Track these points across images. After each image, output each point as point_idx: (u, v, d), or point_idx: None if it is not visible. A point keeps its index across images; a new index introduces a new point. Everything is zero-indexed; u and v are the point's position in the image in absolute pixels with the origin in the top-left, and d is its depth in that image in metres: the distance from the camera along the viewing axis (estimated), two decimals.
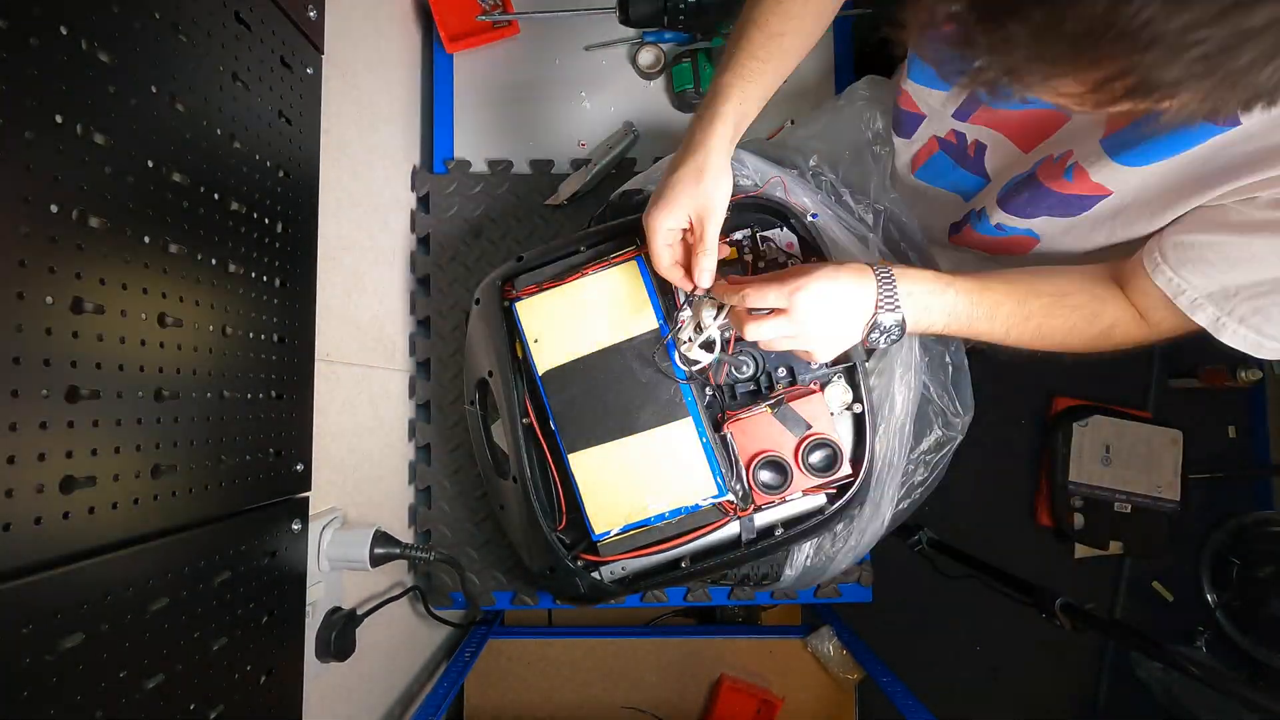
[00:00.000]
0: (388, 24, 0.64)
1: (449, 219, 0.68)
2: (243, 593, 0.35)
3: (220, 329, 0.34)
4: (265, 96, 0.38)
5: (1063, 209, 0.45)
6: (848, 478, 0.50)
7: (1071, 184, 0.42)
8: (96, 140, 0.27)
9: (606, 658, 0.80)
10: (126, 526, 0.28)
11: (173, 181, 0.31)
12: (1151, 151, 0.37)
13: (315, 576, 0.45)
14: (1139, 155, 0.38)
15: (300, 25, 0.41)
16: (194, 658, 0.31)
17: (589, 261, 0.53)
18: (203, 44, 0.33)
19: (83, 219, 0.26)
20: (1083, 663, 1.22)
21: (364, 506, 0.56)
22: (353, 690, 0.55)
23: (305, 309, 0.42)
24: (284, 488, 0.40)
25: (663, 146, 0.71)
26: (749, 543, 0.51)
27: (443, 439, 0.67)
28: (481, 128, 0.71)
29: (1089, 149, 0.40)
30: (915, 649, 1.19)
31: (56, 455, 0.25)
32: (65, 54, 0.25)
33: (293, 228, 0.40)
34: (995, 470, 1.21)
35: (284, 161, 0.40)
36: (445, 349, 0.67)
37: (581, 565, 0.52)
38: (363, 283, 0.57)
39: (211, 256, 0.33)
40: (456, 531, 0.66)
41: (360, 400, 0.56)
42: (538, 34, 0.71)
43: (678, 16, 0.53)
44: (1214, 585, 1.18)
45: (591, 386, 0.51)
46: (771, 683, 0.80)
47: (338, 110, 0.52)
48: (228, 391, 0.34)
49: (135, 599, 0.28)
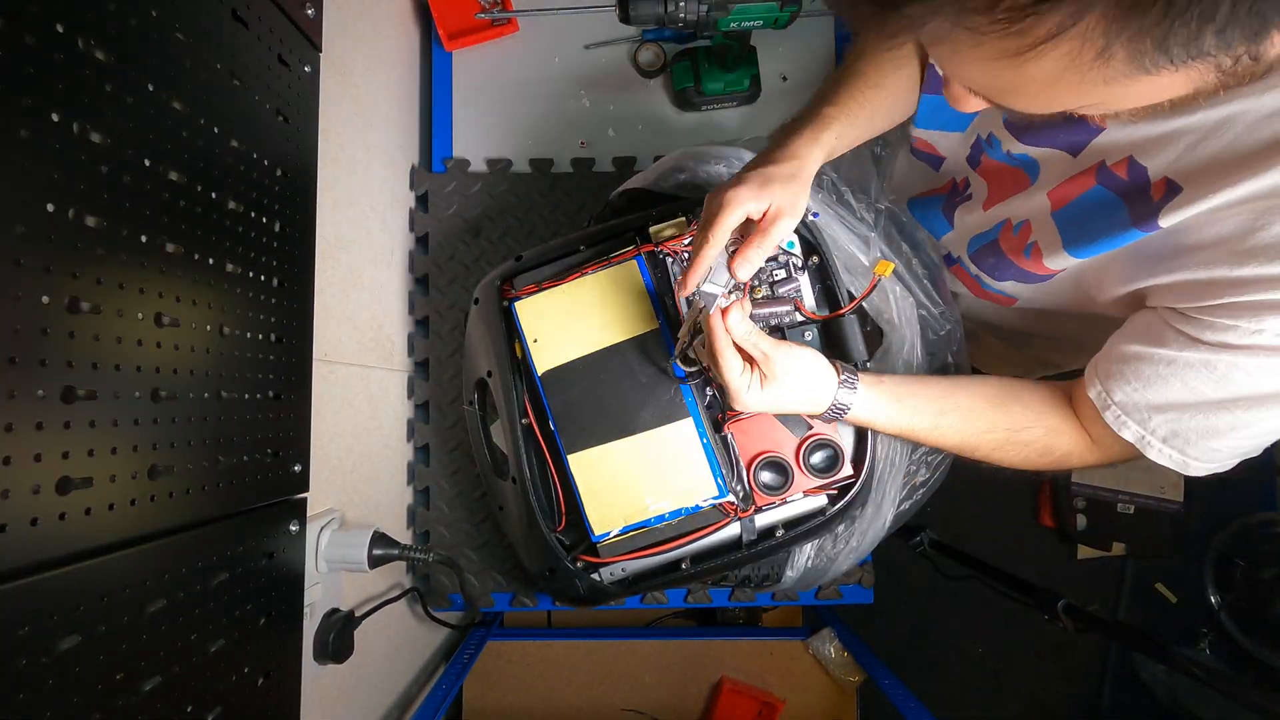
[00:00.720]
0: (386, 22, 0.64)
1: (448, 218, 0.68)
2: (240, 594, 0.35)
3: (218, 329, 0.34)
4: (263, 95, 0.38)
5: (1025, 279, 0.46)
6: (849, 478, 0.50)
7: (1029, 261, 0.44)
8: (93, 139, 0.27)
9: (606, 660, 0.80)
10: (123, 528, 0.28)
11: (170, 180, 0.31)
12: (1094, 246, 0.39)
13: (313, 578, 0.45)
14: (1085, 249, 0.39)
15: (298, 23, 0.41)
16: (191, 660, 0.31)
17: (589, 261, 0.52)
18: (200, 42, 0.33)
19: (79, 218, 0.26)
20: (1086, 665, 1.21)
21: (362, 507, 0.56)
22: (351, 692, 0.54)
23: (303, 308, 0.42)
24: (282, 488, 0.39)
25: (663, 145, 0.71)
26: (750, 544, 0.51)
27: (441, 439, 0.66)
28: (480, 126, 0.71)
29: (1043, 226, 0.42)
30: (917, 651, 1.19)
31: (53, 456, 0.25)
32: (62, 52, 0.25)
33: (290, 227, 0.40)
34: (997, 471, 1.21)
35: (282, 160, 0.40)
36: (444, 349, 0.67)
37: (581, 566, 0.52)
38: (361, 282, 0.57)
39: (209, 256, 0.33)
40: (455, 533, 0.66)
41: (358, 400, 0.56)
42: (537, 32, 0.71)
43: (678, 15, 0.53)
44: (1218, 587, 1.18)
45: (591, 387, 0.50)
46: (772, 685, 0.80)
47: (336, 109, 0.52)
48: (225, 392, 0.34)
49: (132, 601, 0.28)
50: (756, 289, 0.52)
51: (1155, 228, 0.35)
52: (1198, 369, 0.34)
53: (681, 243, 0.51)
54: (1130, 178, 0.36)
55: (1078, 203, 0.40)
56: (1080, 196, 0.39)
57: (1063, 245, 0.41)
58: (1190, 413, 0.35)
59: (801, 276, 0.52)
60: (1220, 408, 0.34)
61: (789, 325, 0.51)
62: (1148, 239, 0.36)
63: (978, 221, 0.49)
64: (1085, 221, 0.39)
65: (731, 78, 0.68)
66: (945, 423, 0.42)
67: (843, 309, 0.50)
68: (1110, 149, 0.37)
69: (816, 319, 0.51)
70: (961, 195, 0.51)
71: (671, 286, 0.52)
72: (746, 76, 0.68)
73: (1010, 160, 0.44)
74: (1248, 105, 0.30)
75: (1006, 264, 0.46)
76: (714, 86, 0.68)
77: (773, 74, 0.71)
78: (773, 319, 0.52)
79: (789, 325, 0.51)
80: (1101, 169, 0.37)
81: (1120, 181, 0.37)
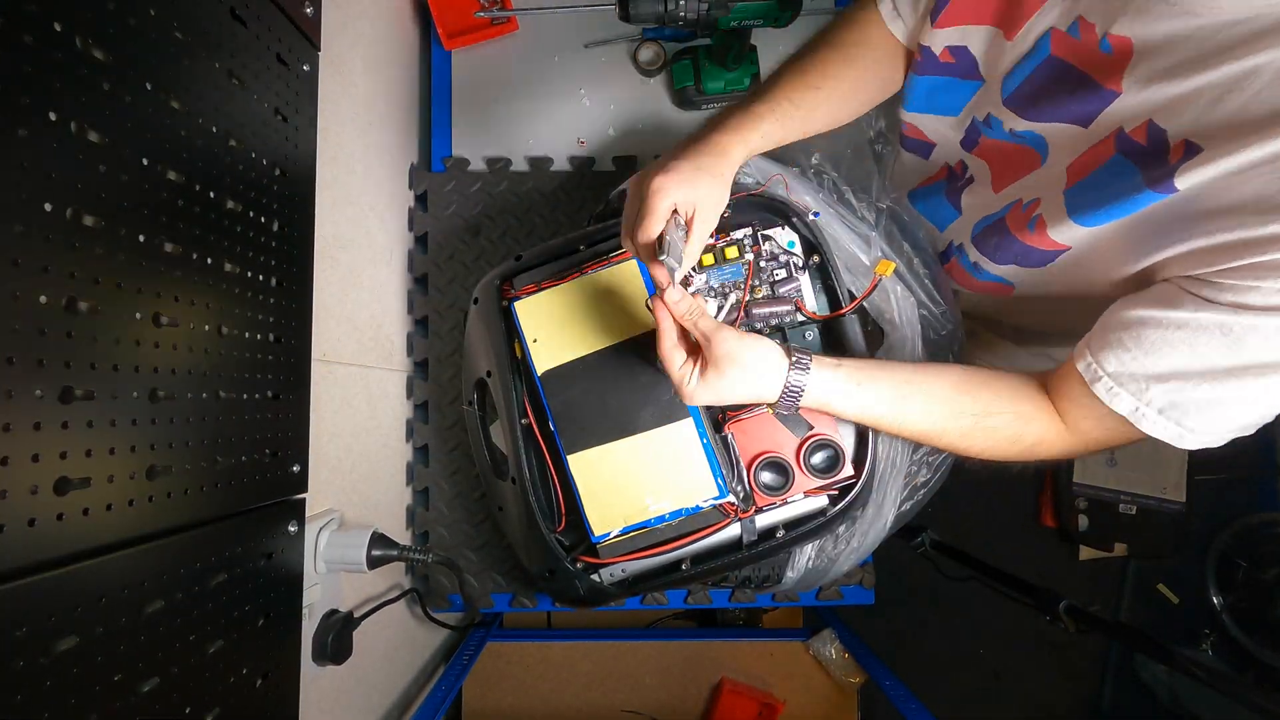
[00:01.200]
0: (385, 21, 0.64)
1: (447, 217, 0.68)
2: (239, 595, 0.35)
3: (216, 328, 0.34)
4: (261, 94, 0.38)
5: (1026, 260, 0.45)
6: (850, 479, 0.50)
7: (1032, 235, 0.42)
8: (91, 138, 0.26)
9: (606, 661, 0.80)
10: (121, 528, 0.28)
11: (168, 180, 0.31)
12: (1103, 213, 0.37)
13: (312, 579, 0.45)
14: (1093, 217, 0.38)
15: (297, 22, 0.41)
16: (189, 661, 0.31)
17: (588, 260, 0.52)
18: (198, 41, 0.33)
19: (77, 217, 0.26)
20: (1087, 666, 1.21)
21: (361, 508, 0.56)
22: (350, 693, 0.54)
23: (302, 308, 0.42)
24: (280, 489, 0.39)
25: (663, 144, 0.71)
26: (750, 544, 0.50)
27: (441, 440, 0.66)
28: (480, 125, 0.71)
29: (1053, 201, 0.40)
30: (918, 652, 1.18)
31: (50, 456, 0.25)
32: (60, 51, 0.25)
33: (289, 226, 0.40)
34: (999, 471, 1.20)
35: (280, 159, 0.39)
36: (443, 349, 0.67)
37: (581, 567, 0.52)
38: (360, 282, 0.57)
39: (207, 255, 0.33)
40: (455, 533, 0.66)
41: (357, 400, 0.56)
42: (537, 31, 0.70)
43: (678, 14, 0.53)
44: (1220, 587, 1.17)
45: (591, 387, 0.50)
46: (773, 686, 0.80)
47: (335, 108, 0.51)
48: (223, 392, 0.34)
49: (130, 601, 0.28)
50: (757, 288, 0.52)
51: (1171, 189, 0.33)
52: (1210, 332, 0.32)
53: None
54: (1149, 142, 0.34)
55: (1096, 174, 0.38)
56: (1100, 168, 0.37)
57: (1068, 214, 0.39)
58: (1194, 381, 0.34)
59: (802, 276, 0.52)
60: (1229, 376, 0.33)
61: (790, 325, 0.51)
62: (1162, 208, 0.34)
63: (987, 203, 0.47)
64: (1095, 189, 0.37)
65: (732, 76, 0.68)
66: (908, 407, 0.40)
67: (844, 309, 0.50)
68: (1127, 115, 0.35)
69: (817, 319, 0.51)
70: (963, 180, 0.50)
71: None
72: (747, 75, 0.68)
73: (1014, 139, 0.43)
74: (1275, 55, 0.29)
75: (1010, 242, 0.45)
76: (714, 85, 0.68)
77: None
78: (773, 319, 0.51)
79: (790, 325, 0.51)
80: (1120, 136, 0.36)
81: (1138, 147, 0.35)
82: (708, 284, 0.52)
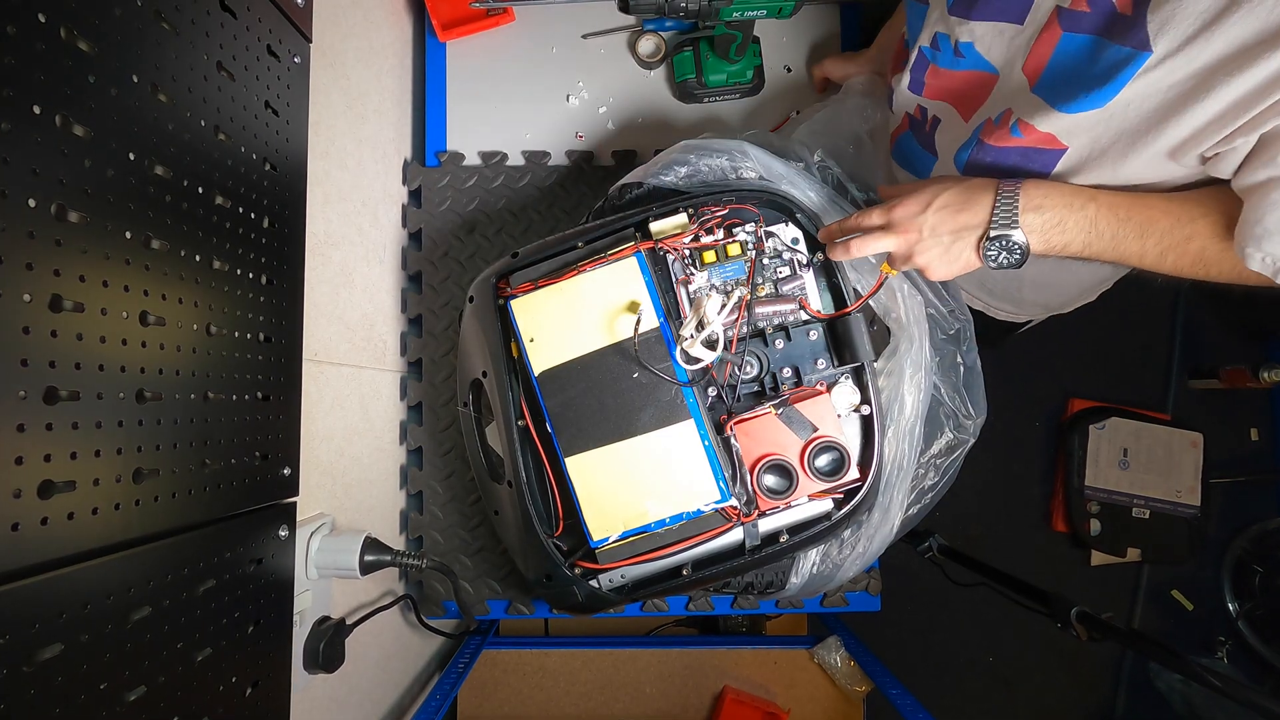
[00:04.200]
0: (378, 11, 0.63)
1: (441, 213, 0.67)
2: (228, 601, 0.34)
3: (204, 328, 0.33)
4: (251, 87, 0.37)
5: (1027, 170, 0.43)
6: (855, 482, 0.49)
7: (1022, 139, 0.40)
8: (76, 132, 0.26)
9: (605, 669, 0.79)
10: (107, 533, 0.27)
11: (155, 175, 0.30)
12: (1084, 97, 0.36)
13: (303, 584, 0.45)
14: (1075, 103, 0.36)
15: (288, 12, 0.40)
16: (177, 669, 0.30)
17: (586, 258, 0.51)
18: (186, 32, 0.32)
19: (61, 214, 0.25)
20: (1099, 674, 1.19)
21: (353, 512, 0.55)
22: (342, 702, 0.53)
23: (293, 307, 0.41)
24: (271, 492, 0.39)
25: (664, 138, 0.69)
26: (753, 549, 0.50)
27: (435, 442, 0.66)
28: (475, 119, 0.70)
29: (1025, 102, 0.40)
30: (925, 660, 1.17)
31: (34, 459, 0.24)
32: (43, 42, 0.25)
33: (279, 223, 0.40)
34: (1008, 475, 1.19)
35: (270, 154, 0.39)
36: (438, 349, 0.66)
37: (579, 573, 0.51)
38: (352, 280, 0.56)
39: (195, 253, 0.33)
40: (449, 538, 0.65)
41: (350, 402, 0.55)
42: (534, 22, 0.70)
43: (679, 4, 0.52)
44: (1236, 594, 1.15)
45: (589, 387, 0.49)
46: (776, 695, 0.79)
47: (326, 101, 0.51)
48: (212, 393, 0.34)
49: (116, 608, 0.27)
50: (760, 286, 0.51)
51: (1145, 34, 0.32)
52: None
53: (682, 240, 0.50)
54: (1093, 6, 0.34)
55: (1053, 63, 0.37)
56: (1053, 56, 0.37)
57: (1050, 105, 0.37)
58: None
59: (806, 274, 0.51)
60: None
61: (794, 324, 0.51)
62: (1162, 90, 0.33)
63: (958, 135, 0.47)
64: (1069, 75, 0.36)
65: (734, 69, 0.67)
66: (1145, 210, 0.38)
67: (849, 307, 0.49)
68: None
69: (822, 317, 0.50)
70: (927, 123, 0.50)
71: (672, 284, 0.51)
72: (750, 68, 0.68)
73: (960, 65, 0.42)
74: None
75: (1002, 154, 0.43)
76: (716, 78, 0.67)
77: (776, 65, 0.70)
78: (777, 317, 0.51)
79: (794, 324, 0.51)
80: (1062, 14, 0.36)
81: (1084, 16, 0.35)
82: (709, 282, 0.51)
